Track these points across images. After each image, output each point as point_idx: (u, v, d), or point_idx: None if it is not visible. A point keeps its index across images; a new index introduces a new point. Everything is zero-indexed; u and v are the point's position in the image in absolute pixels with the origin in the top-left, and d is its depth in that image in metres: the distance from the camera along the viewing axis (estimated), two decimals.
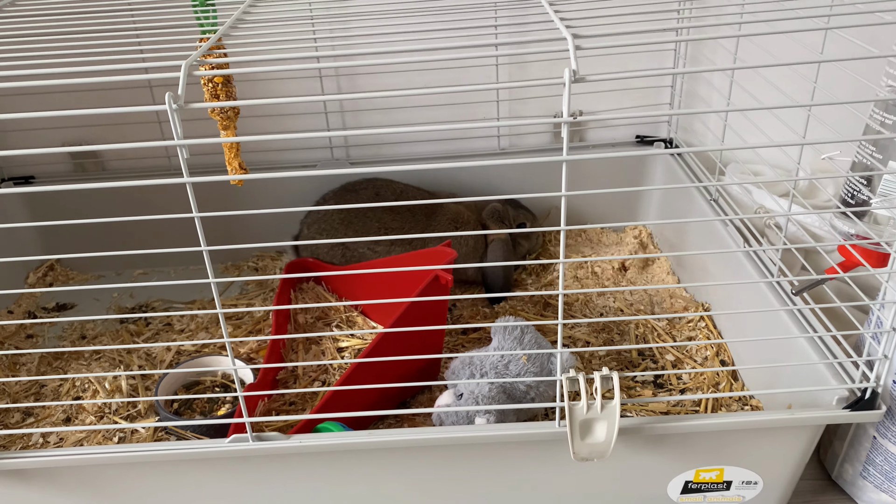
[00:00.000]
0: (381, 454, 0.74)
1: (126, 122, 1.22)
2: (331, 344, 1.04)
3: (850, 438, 0.83)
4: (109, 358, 1.05)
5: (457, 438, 0.72)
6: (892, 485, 0.79)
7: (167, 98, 0.53)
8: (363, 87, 1.27)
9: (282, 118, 1.25)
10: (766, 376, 0.89)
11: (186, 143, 0.55)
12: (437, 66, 1.20)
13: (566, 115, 0.55)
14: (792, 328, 0.82)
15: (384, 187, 1.19)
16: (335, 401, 0.83)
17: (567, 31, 0.57)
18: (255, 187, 1.24)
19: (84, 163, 1.30)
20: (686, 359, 1.00)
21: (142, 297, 1.22)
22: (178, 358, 1.05)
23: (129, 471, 0.74)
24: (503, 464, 0.76)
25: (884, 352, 0.68)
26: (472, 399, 0.84)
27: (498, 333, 0.90)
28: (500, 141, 1.31)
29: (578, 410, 0.67)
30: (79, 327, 1.14)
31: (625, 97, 1.26)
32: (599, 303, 1.13)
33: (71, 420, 0.95)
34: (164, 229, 0.91)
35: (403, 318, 0.88)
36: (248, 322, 1.11)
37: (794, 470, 0.77)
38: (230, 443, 0.71)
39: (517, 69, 1.25)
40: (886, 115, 0.69)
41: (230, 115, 0.79)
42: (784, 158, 1.21)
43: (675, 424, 0.70)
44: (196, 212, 0.59)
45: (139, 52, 0.64)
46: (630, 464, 0.75)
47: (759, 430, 0.73)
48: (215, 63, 0.66)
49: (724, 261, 1.01)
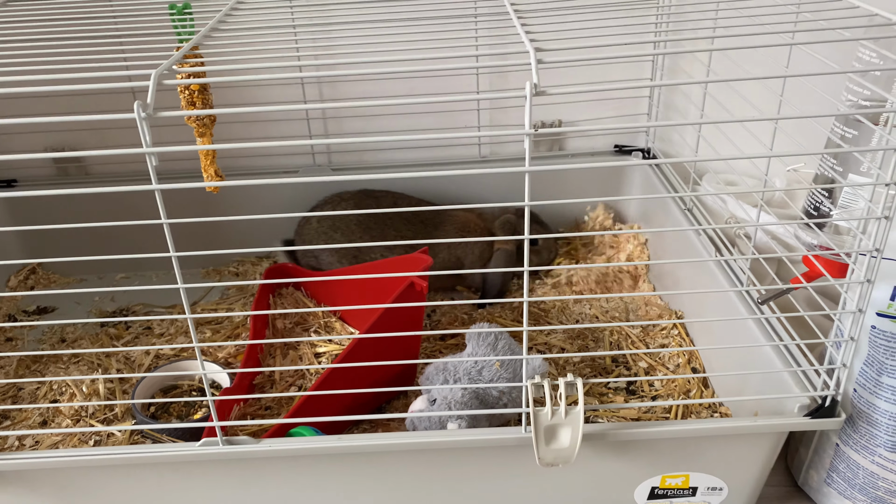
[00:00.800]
0: (351, 459, 0.75)
1: (108, 126, 1.23)
2: (308, 349, 1.05)
3: (814, 445, 0.84)
4: (88, 361, 1.06)
5: (426, 444, 0.73)
6: (854, 491, 0.80)
7: (136, 107, 0.54)
8: (345, 94, 1.28)
9: (262, 124, 1.26)
10: (736, 384, 0.91)
11: (155, 151, 0.56)
12: (419, 73, 1.21)
13: (528, 128, 0.56)
14: (759, 337, 0.83)
15: (402, 198, 1.22)
16: (310, 406, 0.84)
17: (530, 45, 0.59)
18: (236, 192, 1.25)
19: (67, 167, 1.31)
20: (659, 366, 1.02)
21: (123, 301, 1.22)
22: (156, 362, 1.05)
23: (102, 474, 0.75)
24: (473, 469, 0.77)
25: (842, 360, 0.70)
26: (444, 405, 0.85)
27: (472, 340, 0.91)
28: (480, 149, 1.32)
29: (543, 416, 0.68)
30: (59, 331, 1.15)
31: (603, 107, 1.28)
32: (576, 310, 1.15)
33: (47, 423, 0.95)
34: (147, 234, 0.91)
35: (378, 325, 0.89)
36: (228, 327, 1.12)
37: (758, 476, 0.78)
38: (200, 446, 0.71)
39: (498, 78, 1.27)
40: (847, 129, 0.70)
41: (206, 123, 0.80)
42: (756, 169, 1.23)
43: (641, 431, 0.72)
44: (164, 218, 0.59)
45: (122, 58, 0.65)
46: (597, 469, 0.76)
47: (724, 437, 0.75)
48: (190, 72, 0.67)
49: (698, 270, 1.03)
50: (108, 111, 0.58)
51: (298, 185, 1.25)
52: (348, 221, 1.17)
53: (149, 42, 0.70)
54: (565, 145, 1.33)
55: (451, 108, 1.27)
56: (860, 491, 0.80)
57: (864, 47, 0.67)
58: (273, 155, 1.30)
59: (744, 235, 0.96)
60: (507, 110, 1.30)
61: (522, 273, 0.81)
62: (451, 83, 1.26)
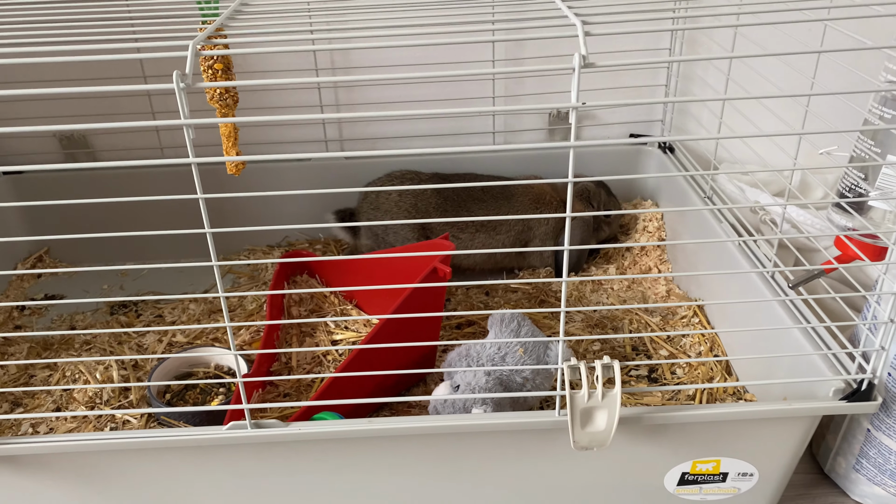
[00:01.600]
0: (379, 442, 0.74)
1: (118, 112, 1.21)
2: (325, 337, 1.04)
3: (843, 432, 0.83)
4: (100, 349, 1.04)
5: (456, 427, 0.72)
6: (885, 477, 0.80)
7: (175, 76, 0.53)
8: (361, 94, 1.28)
9: (278, 111, 1.25)
10: (760, 370, 0.90)
11: (193, 123, 0.55)
12: (434, 59, 1.20)
13: (574, 101, 0.55)
14: (786, 320, 0.83)
15: (472, 180, 1.20)
16: (333, 389, 0.83)
17: (575, 18, 0.58)
18: (251, 180, 1.24)
19: (75, 153, 1.29)
20: (680, 353, 1.01)
21: (132, 290, 1.20)
22: (169, 350, 1.04)
23: (124, 458, 0.74)
24: (500, 453, 0.76)
25: (881, 343, 0.69)
26: (468, 391, 0.84)
27: (494, 325, 0.90)
28: (494, 138, 1.31)
29: (580, 399, 0.67)
30: (68, 318, 1.13)
31: (620, 96, 1.27)
32: (593, 298, 1.14)
33: (61, 410, 0.94)
34: (155, 223, 0.90)
35: (402, 308, 0.87)
36: (241, 315, 1.11)
37: (789, 461, 0.78)
38: (228, 429, 0.70)
39: (513, 66, 1.26)
40: (885, 110, 0.70)
41: (229, 103, 0.79)
42: (776, 160, 1.22)
43: (675, 414, 0.71)
44: (200, 193, 0.58)
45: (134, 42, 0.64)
46: (628, 454, 0.75)
47: (757, 421, 0.74)
48: (219, 43, 0.65)
49: (719, 256, 1.02)
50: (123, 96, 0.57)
51: (312, 170, 1.25)
52: (427, 204, 1.16)
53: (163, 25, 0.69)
54: (581, 134, 1.32)
55: (466, 93, 1.27)
56: (891, 477, 0.79)
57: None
58: (287, 143, 1.29)
59: (769, 221, 0.95)
60: (521, 99, 1.29)
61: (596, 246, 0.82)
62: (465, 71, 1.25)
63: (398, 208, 1.17)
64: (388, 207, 1.17)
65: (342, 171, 1.27)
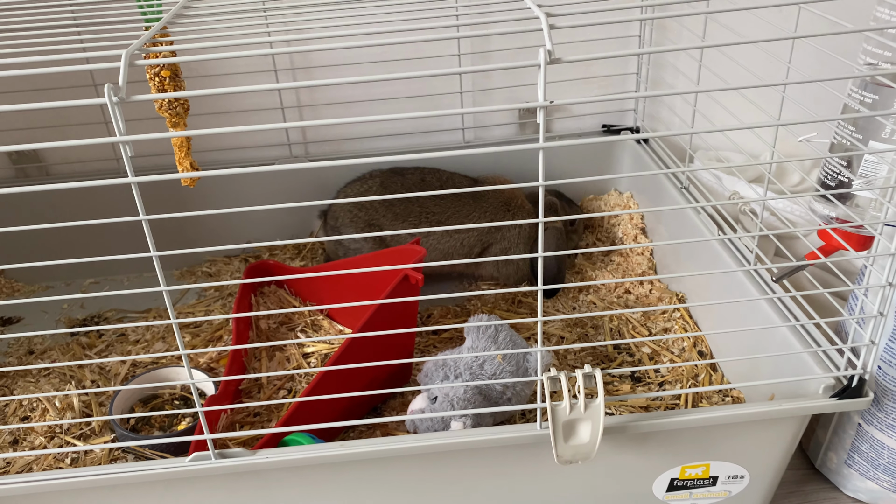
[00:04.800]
0: (353, 466, 0.70)
1: (70, 123, 1.15)
2: (296, 350, 0.99)
3: (833, 426, 0.81)
4: (60, 374, 0.99)
5: (435, 446, 0.68)
6: (878, 472, 0.77)
7: (106, 90, 0.48)
8: (322, 81, 1.23)
9: (236, 115, 1.20)
10: (746, 367, 0.87)
11: (130, 140, 0.50)
12: (398, 55, 1.16)
13: (541, 99, 0.51)
14: (772, 316, 0.80)
15: (430, 173, 1.15)
16: (302, 411, 0.79)
17: (539, 10, 0.54)
18: (210, 188, 1.19)
19: (26, 168, 1.23)
20: (663, 350, 0.98)
21: (93, 308, 1.15)
22: (133, 370, 0.99)
23: (84, 497, 0.69)
24: (483, 469, 0.72)
25: (870, 337, 0.66)
26: (446, 402, 0.80)
27: (471, 333, 0.87)
28: (464, 134, 1.27)
29: (561, 411, 0.63)
30: (26, 342, 1.07)
31: (590, 86, 1.24)
32: (571, 295, 1.10)
33: (19, 442, 0.89)
34: (115, 236, 0.85)
35: (372, 322, 0.83)
36: (208, 329, 1.06)
37: (780, 462, 0.75)
38: (191, 461, 0.66)
39: (480, 59, 1.22)
40: (865, 94, 0.67)
41: (179, 112, 0.74)
42: (751, 145, 1.19)
43: (661, 421, 0.68)
44: (143, 214, 0.54)
45: (81, 48, 0.59)
46: (614, 463, 0.72)
47: (746, 424, 0.71)
48: (162, 51, 0.61)
49: (700, 250, 0.99)
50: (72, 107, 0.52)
51: (277, 176, 1.20)
52: (373, 203, 1.11)
53: (109, 29, 0.64)
54: (552, 127, 1.29)
55: (433, 89, 1.22)
56: (884, 471, 0.77)
57: (883, 5, 0.63)
58: (247, 147, 1.24)
59: (749, 212, 0.92)
60: (491, 93, 1.25)
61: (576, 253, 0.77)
62: (429, 66, 1.20)
63: (343, 212, 1.12)
64: (339, 213, 1.13)
65: (308, 174, 1.22)
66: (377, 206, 1.10)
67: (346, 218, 1.11)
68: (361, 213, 1.11)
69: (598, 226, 1.26)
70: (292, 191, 1.19)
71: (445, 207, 1.10)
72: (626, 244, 1.18)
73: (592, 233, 1.25)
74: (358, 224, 1.10)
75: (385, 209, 1.10)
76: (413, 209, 1.09)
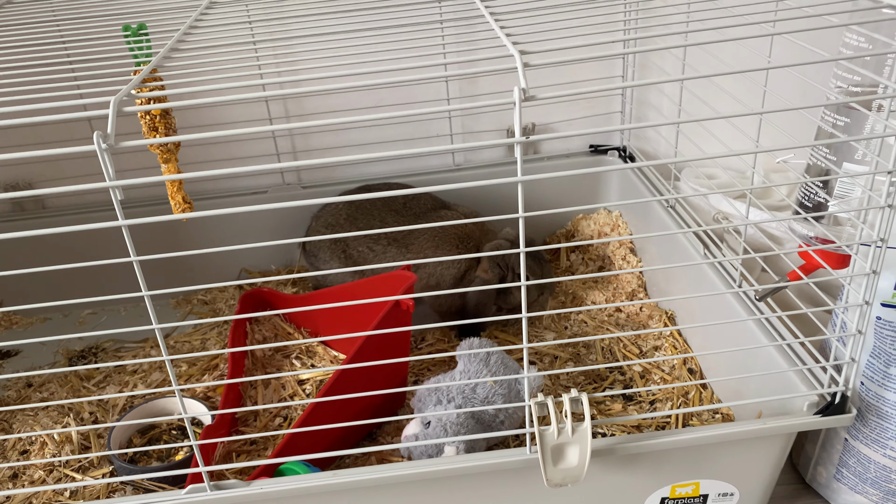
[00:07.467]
0: (348, 494, 0.71)
1: (65, 157, 1.17)
2: (291, 377, 1.01)
3: (821, 441, 0.82)
4: (58, 406, 1.00)
5: (427, 473, 0.70)
6: (866, 486, 0.78)
7: (95, 137, 0.50)
8: (311, 109, 1.24)
9: (227, 145, 1.21)
10: (735, 384, 0.88)
11: (119, 185, 0.52)
12: (388, 85, 1.18)
13: (518, 135, 0.53)
14: (758, 335, 0.81)
15: (397, 188, 1.16)
16: (296, 441, 0.80)
17: (514, 48, 0.56)
18: (204, 218, 1.20)
19: (23, 201, 1.25)
20: (654, 368, 0.99)
21: (91, 339, 1.16)
22: (131, 401, 1.00)
23: None
24: (476, 493, 0.73)
25: (851, 354, 0.68)
26: (440, 427, 0.82)
27: (463, 357, 0.88)
28: (454, 157, 1.29)
29: (549, 436, 0.65)
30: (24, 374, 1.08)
31: (576, 107, 1.25)
32: (571, 316, 1.12)
33: (18, 476, 0.90)
34: (112, 267, 0.86)
35: (364, 348, 0.85)
36: (204, 358, 1.07)
37: (769, 478, 0.76)
38: (187, 494, 0.67)
39: (467, 84, 1.24)
40: (837, 118, 0.68)
41: (170, 149, 0.76)
42: (738, 161, 1.21)
43: (649, 442, 0.69)
44: (133, 255, 0.55)
45: (75, 85, 0.61)
46: (604, 484, 0.73)
47: (733, 442, 0.72)
48: (150, 97, 0.62)
49: (687, 268, 1.00)
50: (65, 140, 0.54)
51: (270, 201, 1.21)
52: (338, 217, 1.14)
53: (103, 68, 0.66)
54: (539, 148, 1.30)
55: (421, 117, 1.24)
56: (872, 485, 0.78)
57: (852, 32, 0.65)
58: (241, 176, 1.25)
59: (733, 230, 0.94)
60: (479, 116, 1.27)
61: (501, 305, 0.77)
62: (417, 92, 1.22)
63: (317, 222, 1.16)
64: (316, 231, 1.16)
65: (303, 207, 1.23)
66: (342, 224, 1.13)
67: (321, 242, 1.14)
68: (330, 232, 1.13)
69: (587, 245, 1.27)
70: (286, 216, 1.21)
71: (404, 223, 1.10)
72: (615, 262, 1.20)
73: (582, 251, 1.26)
74: (331, 246, 1.14)
75: (349, 224, 1.13)
76: (374, 224, 1.12)
